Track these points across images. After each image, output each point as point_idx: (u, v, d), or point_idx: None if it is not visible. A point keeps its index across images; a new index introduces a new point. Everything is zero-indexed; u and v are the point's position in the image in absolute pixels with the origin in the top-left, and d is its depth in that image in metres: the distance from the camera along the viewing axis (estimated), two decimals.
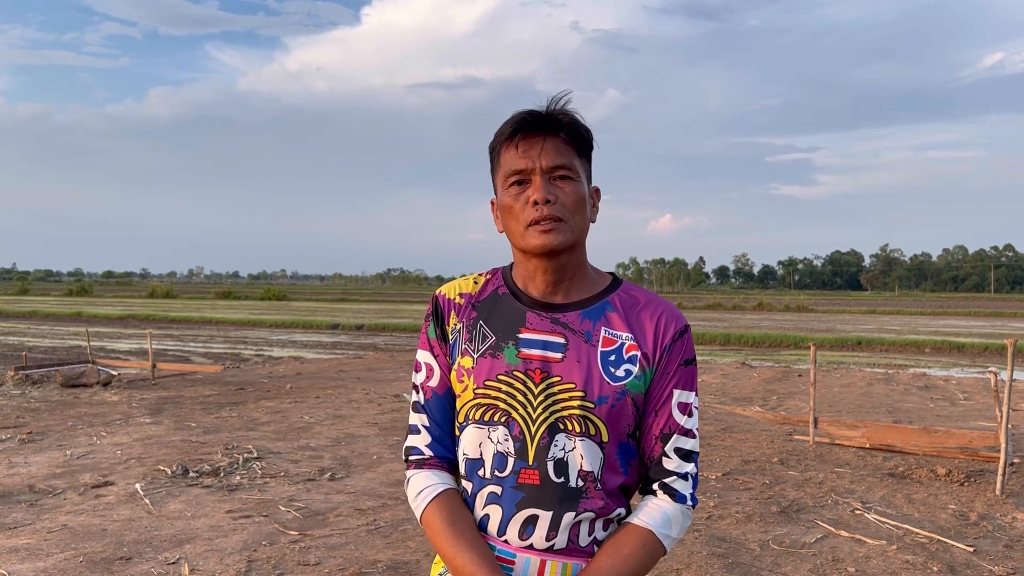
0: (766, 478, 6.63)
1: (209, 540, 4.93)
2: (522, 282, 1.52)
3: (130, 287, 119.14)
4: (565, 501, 1.42)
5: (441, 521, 1.45)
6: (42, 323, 32.71)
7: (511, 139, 1.45)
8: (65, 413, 9.63)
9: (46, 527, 5.16)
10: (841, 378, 14.28)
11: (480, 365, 1.47)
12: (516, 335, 1.47)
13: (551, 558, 1.43)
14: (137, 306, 47.38)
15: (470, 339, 1.50)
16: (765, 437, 8.44)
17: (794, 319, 38.83)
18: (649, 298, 1.53)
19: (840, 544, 4.97)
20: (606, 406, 1.43)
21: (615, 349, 1.46)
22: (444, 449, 1.53)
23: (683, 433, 1.48)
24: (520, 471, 1.43)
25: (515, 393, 1.45)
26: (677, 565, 4.55)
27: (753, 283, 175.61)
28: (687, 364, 1.50)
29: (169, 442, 7.90)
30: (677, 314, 1.52)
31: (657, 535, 1.44)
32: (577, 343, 1.46)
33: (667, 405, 1.47)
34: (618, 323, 1.48)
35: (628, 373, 1.45)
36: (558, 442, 1.43)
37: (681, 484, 1.48)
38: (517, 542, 1.43)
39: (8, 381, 12.13)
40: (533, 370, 1.45)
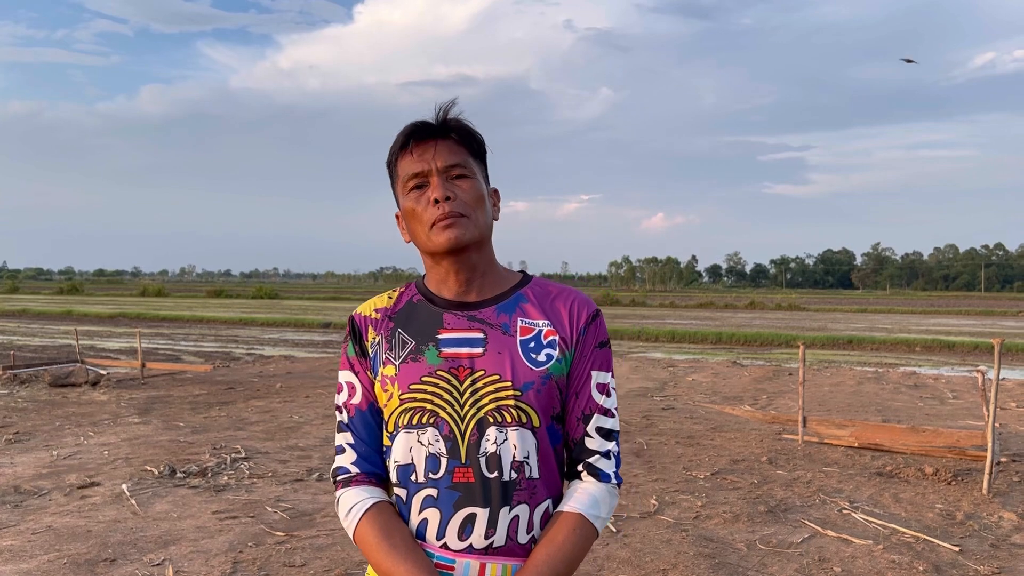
0: (754, 477, 6.63)
1: (195, 541, 4.91)
2: (435, 287, 1.55)
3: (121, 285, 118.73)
4: (500, 496, 1.44)
5: (375, 535, 1.44)
6: (32, 321, 32.55)
7: (405, 148, 1.50)
8: (53, 413, 9.58)
9: (30, 528, 5.13)
10: (831, 377, 14.32)
11: (403, 371, 1.48)
12: (435, 336, 1.49)
13: (491, 560, 1.43)
14: (128, 305, 47.20)
15: (390, 348, 1.51)
16: (754, 436, 8.45)
17: (786, 318, 38.93)
18: (560, 288, 1.58)
19: (827, 544, 4.98)
20: (532, 391, 1.46)
21: (534, 336, 1.50)
22: (371, 465, 1.52)
23: (603, 412, 1.53)
24: (454, 470, 1.44)
25: (441, 393, 1.46)
26: (664, 565, 4.55)
27: (745, 282, 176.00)
28: (602, 346, 1.55)
29: (157, 442, 7.87)
30: (588, 300, 1.57)
31: (587, 518, 1.46)
32: (496, 336, 1.49)
33: (586, 387, 1.52)
34: (533, 312, 1.53)
35: (549, 357, 1.49)
36: (488, 436, 1.44)
37: (604, 463, 1.51)
38: (457, 544, 1.43)
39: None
40: (456, 368, 1.47)
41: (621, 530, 5.19)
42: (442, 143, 1.48)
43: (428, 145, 1.48)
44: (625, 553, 4.76)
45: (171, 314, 36.00)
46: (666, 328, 28.68)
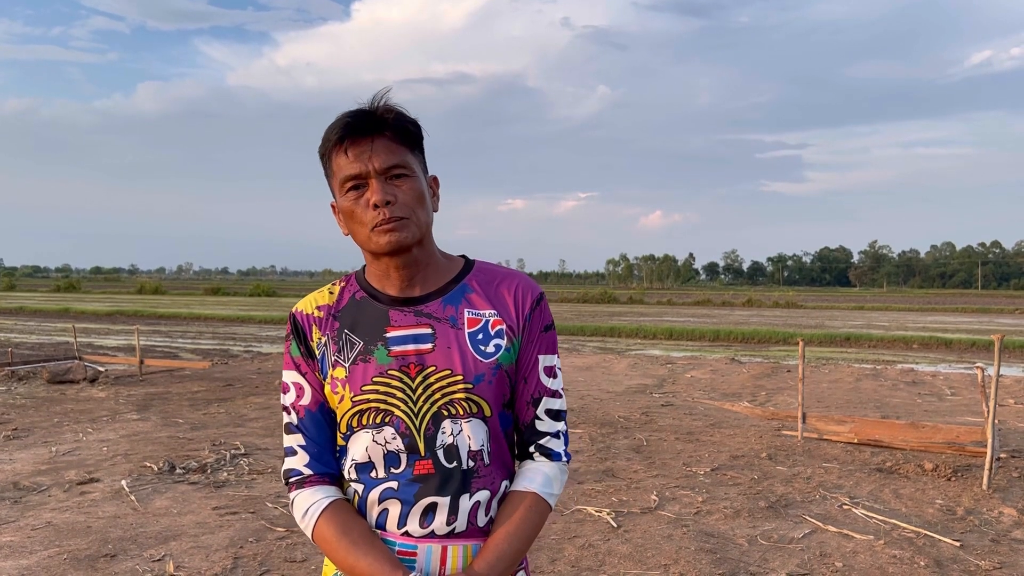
0: (754, 473, 6.64)
1: (195, 537, 4.90)
2: (378, 283, 1.53)
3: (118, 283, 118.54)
4: (460, 484, 1.46)
5: (333, 532, 1.44)
6: (29, 319, 32.48)
7: (339, 144, 1.45)
8: (51, 409, 9.56)
9: (30, 524, 5.12)
10: (829, 374, 14.33)
11: (353, 373, 1.47)
12: (383, 335, 1.48)
13: (452, 543, 1.46)
14: (125, 302, 47.10)
15: (338, 350, 1.50)
16: (754, 432, 8.45)
17: (783, 315, 38.94)
18: (504, 272, 1.58)
19: (828, 539, 4.98)
20: (483, 383, 1.47)
21: (481, 327, 1.50)
22: (324, 465, 1.51)
23: (551, 395, 1.56)
24: (415, 464, 1.45)
25: (393, 392, 1.46)
26: (665, 560, 4.55)
27: (742, 279, 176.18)
28: (547, 330, 1.57)
29: (156, 438, 7.86)
30: (532, 284, 1.57)
31: (542, 496, 1.51)
32: (444, 329, 1.49)
33: (535, 371, 1.54)
34: (479, 302, 1.53)
35: (498, 348, 1.50)
36: (444, 428, 1.46)
37: (555, 443, 1.55)
38: (419, 531, 1.45)
39: None
40: (407, 365, 1.47)
41: (622, 525, 5.19)
42: (379, 141, 1.44)
43: (364, 145, 1.43)
44: (626, 548, 4.76)
45: (168, 312, 35.94)
46: (664, 326, 28.67)
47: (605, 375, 13.78)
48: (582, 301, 59.96)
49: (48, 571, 4.31)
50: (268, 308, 41.46)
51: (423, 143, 1.53)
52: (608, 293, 65.76)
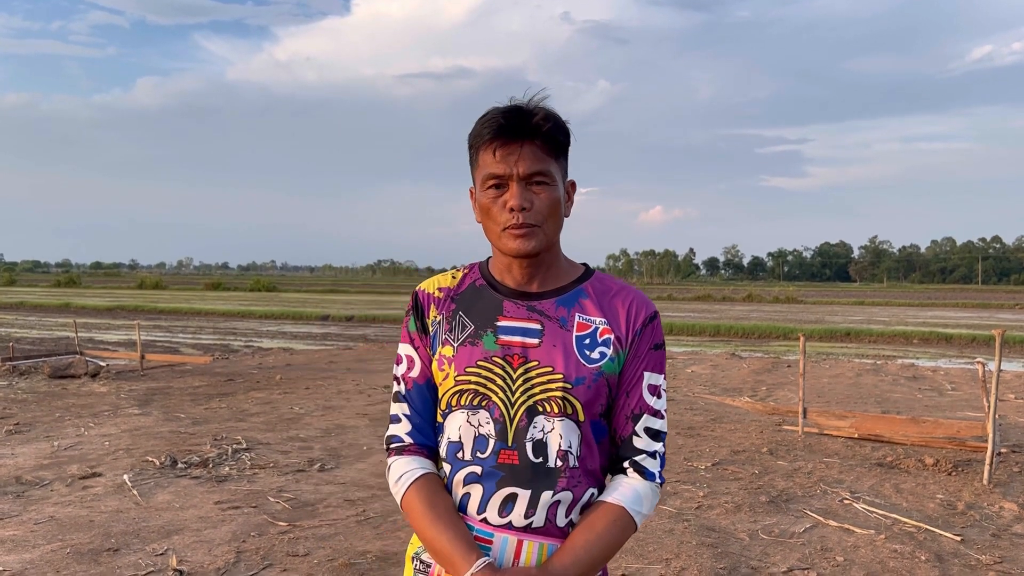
0: (755, 468, 6.64)
1: (198, 531, 4.91)
2: (499, 274, 1.59)
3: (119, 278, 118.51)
4: (543, 480, 1.48)
5: (420, 504, 1.49)
6: (30, 314, 32.50)
7: (489, 143, 1.49)
8: (53, 404, 9.57)
9: (33, 519, 5.13)
10: (830, 369, 14.34)
11: (460, 353, 1.53)
12: (494, 323, 1.53)
13: (528, 537, 1.47)
14: (126, 297, 47.10)
15: (450, 329, 1.56)
16: (754, 427, 8.46)
17: (783, 310, 38.95)
18: (621, 286, 1.61)
19: (829, 534, 4.99)
20: (583, 387, 1.49)
21: (590, 333, 1.53)
22: (424, 437, 1.58)
23: (652, 413, 1.55)
24: (500, 452, 1.49)
25: (494, 378, 1.50)
26: (667, 554, 4.56)
27: (743, 274, 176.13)
28: (656, 348, 1.57)
29: (158, 433, 7.86)
30: (647, 301, 1.59)
31: (629, 512, 1.49)
32: (553, 328, 1.52)
33: (638, 387, 1.54)
34: (592, 309, 1.55)
35: (603, 355, 1.51)
36: (536, 423, 1.49)
37: (650, 462, 1.54)
38: (496, 520, 1.48)
39: None
40: (511, 355, 1.51)
41: None
42: (527, 147, 1.47)
43: (512, 148, 1.47)
44: (628, 543, 4.77)
45: (169, 307, 35.94)
46: (664, 321, 28.66)
47: None
48: None
49: (51, 565, 4.32)
50: (268, 303, 41.46)
51: (568, 148, 1.56)
52: None
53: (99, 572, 4.23)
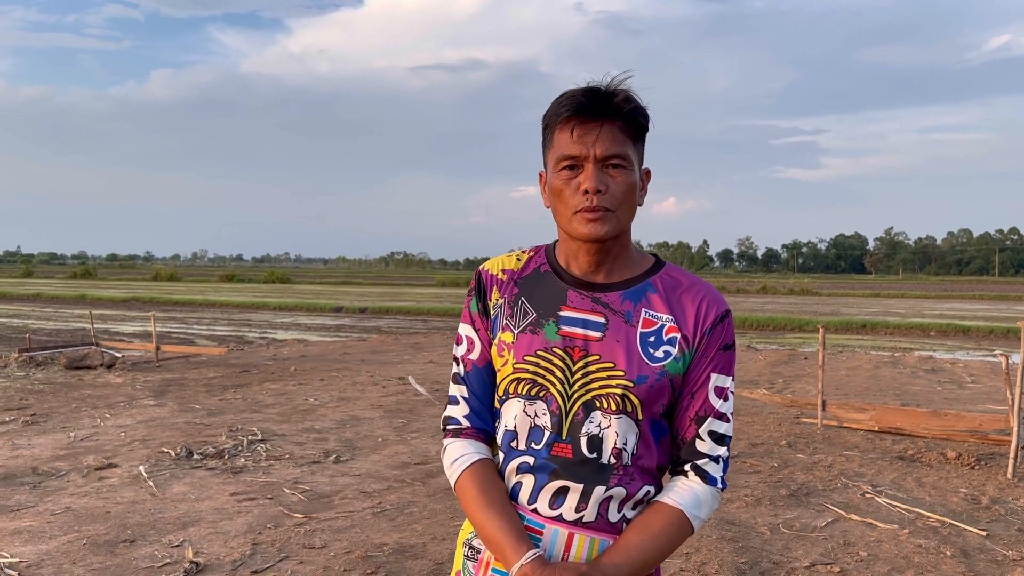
0: (775, 461, 6.57)
1: (213, 523, 4.89)
2: (564, 260, 1.53)
3: (134, 270, 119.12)
4: (596, 476, 1.44)
5: (474, 489, 1.47)
6: (46, 305, 32.70)
7: (567, 121, 1.42)
8: (69, 395, 9.60)
9: (49, 510, 5.12)
10: (847, 361, 14.21)
11: (520, 340, 1.49)
12: (557, 312, 1.48)
13: (579, 531, 1.43)
14: (141, 289, 47.36)
15: (511, 315, 1.52)
16: (772, 420, 8.37)
17: (798, 302, 38.72)
18: (692, 281, 1.53)
19: (851, 528, 4.91)
20: (645, 386, 1.44)
21: (655, 331, 1.47)
22: (481, 421, 1.55)
23: (718, 417, 1.49)
24: (554, 444, 1.45)
25: (553, 369, 1.46)
26: (687, 549, 4.50)
27: (757, 266, 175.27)
28: (726, 349, 1.50)
29: (173, 424, 7.86)
30: (719, 299, 1.51)
31: (687, 515, 1.45)
32: (617, 323, 1.47)
33: (704, 388, 1.48)
34: (659, 305, 1.49)
35: (667, 355, 1.46)
36: (593, 419, 1.44)
37: (713, 467, 1.48)
38: (547, 511, 1.44)
39: (12, 363, 12.10)
40: (572, 348, 1.46)
41: None
42: (606, 128, 1.41)
43: (591, 128, 1.41)
44: None
45: (184, 298, 36.11)
46: None
47: None
48: None
49: (67, 556, 4.30)
50: (282, 295, 41.57)
51: (646, 135, 1.50)
52: None
53: (115, 563, 4.21)
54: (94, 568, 4.15)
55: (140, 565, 4.20)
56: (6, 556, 4.28)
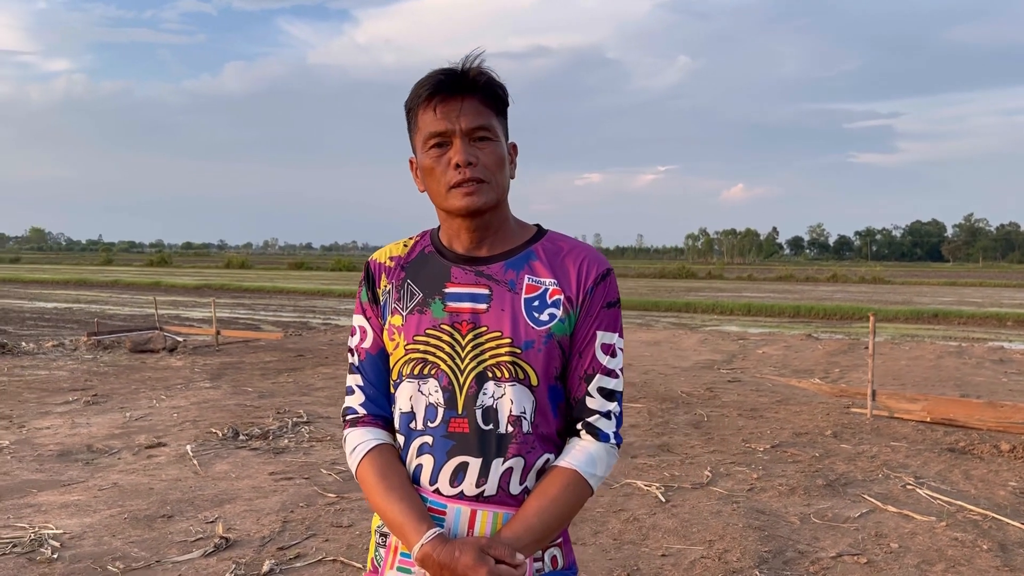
0: (816, 451, 6.43)
1: (249, 501, 5.04)
2: (447, 240, 1.55)
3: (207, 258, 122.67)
4: (494, 448, 1.44)
5: (373, 475, 1.48)
6: (123, 292, 33.93)
7: (428, 100, 1.45)
8: (130, 377, 9.98)
9: (97, 485, 5.35)
10: (910, 351, 13.79)
11: (409, 322, 1.51)
12: (442, 290, 1.51)
13: (482, 507, 1.44)
14: (213, 276, 48.75)
15: (399, 298, 1.54)
16: (821, 409, 8.19)
17: (869, 291, 37.67)
18: (573, 244, 1.55)
19: (886, 519, 4.79)
20: (533, 350, 1.46)
21: (539, 295, 1.49)
22: (378, 407, 1.56)
23: (606, 373, 1.51)
24: (450, 420, 1.46)
25: (442, 346, 1.48)
26: (711, 536, 4.46)
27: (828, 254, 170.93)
28: (610, 306, 1.52)
29: (224, 406, 8.11)
30: (600, 259, 1.53)
31: (583, 475, 1.46)
32: (501, 292, 1.49)
33: (591, 346, 1.50)
34: (542, 270, 1.51)
35: (552, 317, 1.47)
36: (486, 390, 1.45)
37: (604, 423, 1.50)
38: (448, 490, 1.45)
39: (81, 346, 12.63)
40: (460, 323, 1.48)
41: (671, 500, 5.11)
42: (468, 102, 1.44)
43: (453, 104, 1.44)
44: (672, 523, 4.68)
45: (253, 285, 37.05)
46: (742, 301, 28.09)
47: (673, 350, 13.58)
48: (659, 276, 59.24)
49: (108, 529, 4.49)
50: (348, 282, 42.28)
51: (507, 109, 1.53)
52: (686, 268, 64.82)
53: (151, 537, 4.39)
54: (131, 541, 4.33)
55: (174, 539, 4.36)
56: (51, 528, 4.50)
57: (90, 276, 45.11)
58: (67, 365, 10.88)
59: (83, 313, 21.74)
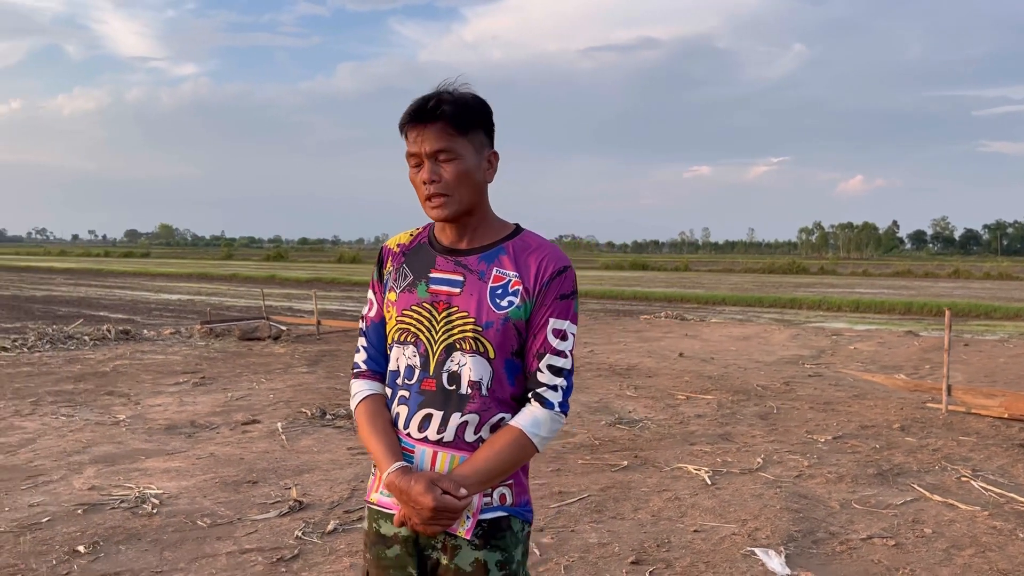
0: (878, 443, 6.47)
1: (326, 472, 5.55)
2: (438, 233, 1.91)
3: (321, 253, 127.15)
4: (454, 404, 1.78)
5: (363, 417, 1.87)
6: (240, 285, 35.88)
7: (406, 127, 1.81)
8: (236, 362, 10.80)
9: (196, 454, 5.99)
10: (1013, 348, 13.27)
11: (401, 298, 1.86)
12: (428, 275, 1.85)
13: (442, 450, 1.78)
14: (325, 270, 50.75)
15: (396, 278, 1.90)
16: (896, 404, 8.14)
17: (993, 288, 35.86)
18: (539, 243, 1.86)
19: (928, 508, 4.86)
20: (492, 330, 1.78)
21: (502, 285, 1.81)
22: (376, 365, 1.93)
23: (556, 353, 1.80)
24: (423, 380, 1.81)
25: (423, 320, 1.83)
26: (746, 515, 4.66)
27: (953, 249, 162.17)
28: (563, 298, 1.81)
29: (317, 389, 8.74)
30: (559, 257, 1.83)
31: (527, 434, 1.77)
32: (473, 280, 1.81)
33: (544, 330, 1.80)
34: (508, 264, 1.82)
35: (510, 304, 1.79)
36: (453, 358, 1.79)
37: (551, 394, 1.80)
38: (416, 434, 1.80)
39: (195, 334, 13.67)
40: (437, 302, 1.82)
41: (716, 483, 5.32)
42: (431, 128, 1.76)
43: (420, 130, 1.77)
44: (711, 503, 4.90)
45: (363, 279, 38.39)
46: (851, 297, 27.35)
47: (761, 345, 13.53)
48: (767, 271, 57.90)
49: (201, 491, 5.08)
50: None
51: (483, 122, 1.83)
52: (797, 263, 63.07)
53: (236, 499, 4.94)
54: (219, 501, 4.89)
55: (255, 501, 4.90)
56: (153, 488, 5.12)
57: (211, 270, 47.80)
58: (181, 351, 11.85)
59: (203, 304, 23.22)
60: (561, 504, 4.86)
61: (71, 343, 12.36)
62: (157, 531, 4.36)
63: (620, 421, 7.26)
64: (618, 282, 38.45)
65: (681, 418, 7.42)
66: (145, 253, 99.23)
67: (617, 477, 5.46)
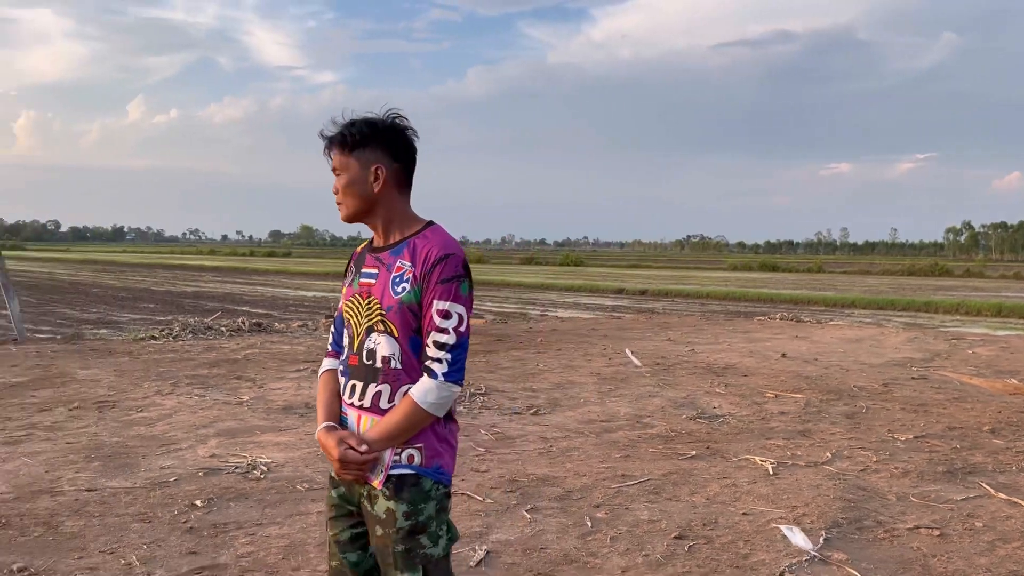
0: (959, 443, 6.45)
1: None
2: (374, 236, 2.31)
3: None
4: (370, 376, 2.17)
5: (320, 386, 2.34)
6: None
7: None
8: None
9: (305, 431, 6.68)
10: None
11: (346, 291, 2.30)
12: (361, 270, 2.26)
13: (364, 414, 2.18)
14: None
15: (347, 275, 2.35)
16: (994, 408, 7.97)
17: None
18: (433, 235, 2.19)
19: (987, 504, 4.92)
20: (392, 312, 2.14)
21: (400, 274, 2.16)
22: (337, 346, 2.37)
23: (439, 331, 2.10)
24: (350, 356, 2.23)
25: (353, 307, 2.24)
26: (797, 502, 4.87)
27: None
28: (444, 282, 2.11)
29: None
30: (443, 245, 2.14)
31: (416, 400, 2.10)
32: (383, 272, 2.19)
33: (430, 311, 2.12)
34: (408, 256, 2.17)
35: (404, 290, 2.14)
36: (371, 338, 2.18)
37: (436, 366, 2.10)
38: (347, 401, 2.23)
39: (321, 327, 14.69)
40: (362, 292, 2.22)
41: (778, 474, 5.52)
42: (331, 150, 2.22)
43: (327, 152, 2.24)
44: (767, 491, 5.12)
45: (485, 278, 39.35)
46: (993, 302, 25.99)
47: (872, 348, 13.26)
48: (906, 274, 55.34)
49: (304, 462, 5.73)
50: (572, 277, 43.72)
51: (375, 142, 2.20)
52: (940, 266, 59.93)
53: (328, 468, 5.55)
54: (319, 471, 5.52)
55: None
56: (264, 458, 5.82)
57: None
58: (306, 342, 12.82)
59: (336, 301, 24.65)
60: (622, 485, 5.21)
61: (210, 333, 13.61)
62: (262, 492, 5.02)
63: (701, 416, 7.49)
64: (744, 283, 37.83)
65: (764, 415, 7.57)
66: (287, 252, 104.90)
67: (683, 465, 5.75)
